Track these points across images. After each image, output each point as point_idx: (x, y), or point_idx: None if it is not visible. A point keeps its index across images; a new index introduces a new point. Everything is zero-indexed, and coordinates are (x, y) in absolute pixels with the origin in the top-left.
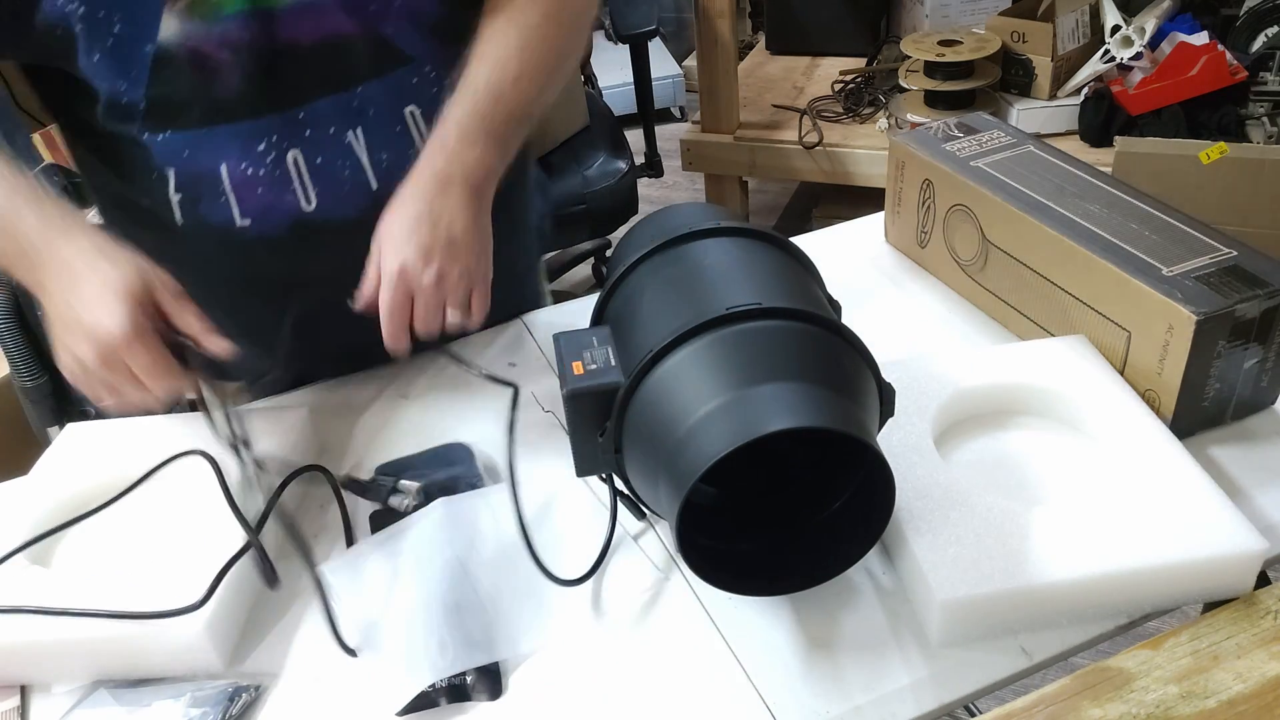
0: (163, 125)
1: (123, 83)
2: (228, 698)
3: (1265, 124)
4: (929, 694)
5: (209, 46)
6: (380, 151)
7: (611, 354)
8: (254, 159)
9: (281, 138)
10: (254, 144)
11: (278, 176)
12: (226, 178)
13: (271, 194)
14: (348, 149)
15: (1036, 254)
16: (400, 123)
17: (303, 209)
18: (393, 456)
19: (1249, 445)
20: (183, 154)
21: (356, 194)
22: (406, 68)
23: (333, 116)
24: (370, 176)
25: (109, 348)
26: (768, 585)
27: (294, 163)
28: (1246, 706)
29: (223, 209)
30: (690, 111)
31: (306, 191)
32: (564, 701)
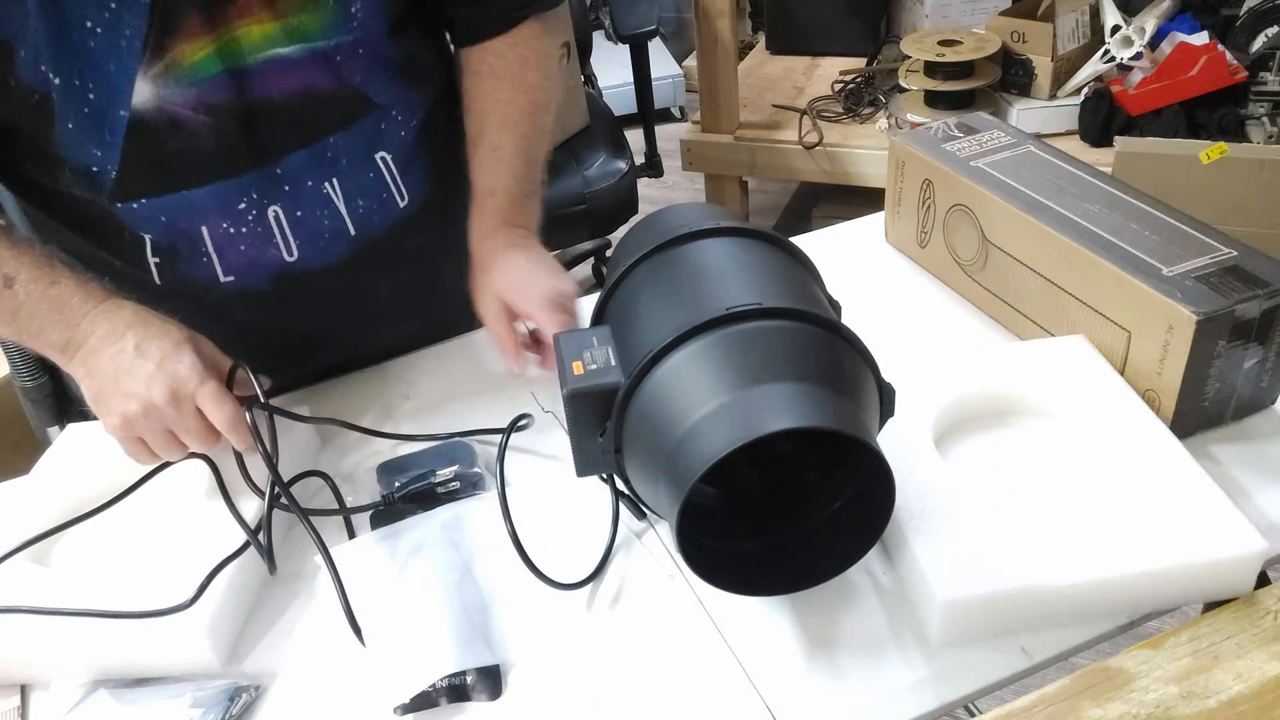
0: (136, 193)
1: (97, 150)
2: (228, 698)
3: (1265, 124)
4: (929, 694)
5: (184, 109)
6: (356, 199)
7: (611, 354)
8: (235, 217)
9: (261, 194)
10: (234, 202)
11: (260, 232)
12: (208, 237)
13: (254, 249)
14: (326, 199)
15: (1036, 254)
16: (373, 169)
17: (285, 260)
18: (393, 456)
19: (1249, 445)
20: (160, 219)
21: (336, 241)
22: (373, 115)
23: (308, 169)
24: (348, 224)
25: (181, 384)
26: (768, 585)
27: (275, 217)
28: (1246, 706)
29: (205, 268)
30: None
31: (288, 244)
32: (564, 701)
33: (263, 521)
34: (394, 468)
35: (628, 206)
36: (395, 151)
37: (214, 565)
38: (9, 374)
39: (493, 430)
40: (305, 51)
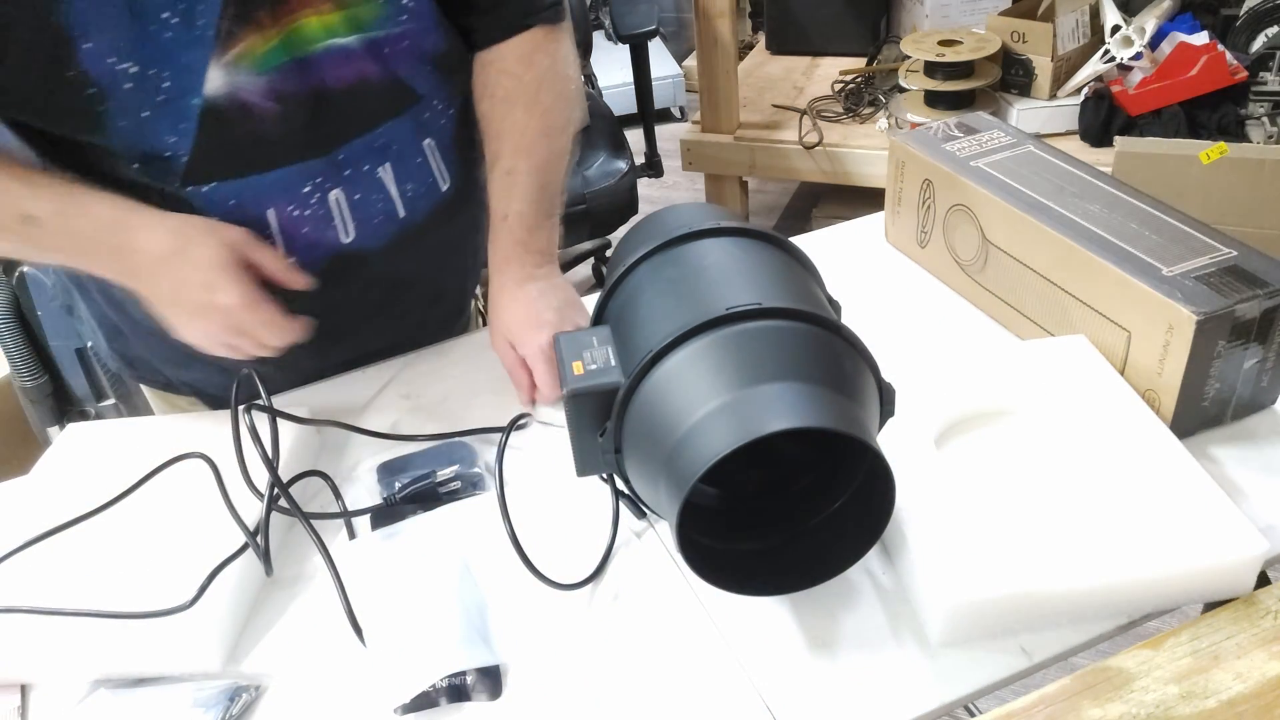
0: (207, 177)
1: (171, 137)
2: (228, 698)
3: (1265, 124)
4: (929, 694)
5: (255, 97)
6: (406, 183)
7: (612, 354)
8: (300, 200)
9: (325, 179)
10: (300, 186)
11: (322, 215)
12: (274, 220)
13: (316, 232)
14: (379, 183)
15: (1036, 254)
16: (421, 155)
17: (342, 242)
18: (393, 456)
19: (1249, 445)
20: (229, 202)
21: (387, 224)
22: (419, 104)
23: (365, 155)
24: (398, 206)
25: (234, 318)
26: (768, 585)
27: (335, 201)
28: (1246, 706)
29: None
30: (690, 111)
31: (346, 226)
32: (564, 701)
33: (261, 524)
34: (394, 467)
35: (628, 206)
36: (438, 138)
37: (214, 566)
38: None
39: (492, 429)
40: (361, 41)
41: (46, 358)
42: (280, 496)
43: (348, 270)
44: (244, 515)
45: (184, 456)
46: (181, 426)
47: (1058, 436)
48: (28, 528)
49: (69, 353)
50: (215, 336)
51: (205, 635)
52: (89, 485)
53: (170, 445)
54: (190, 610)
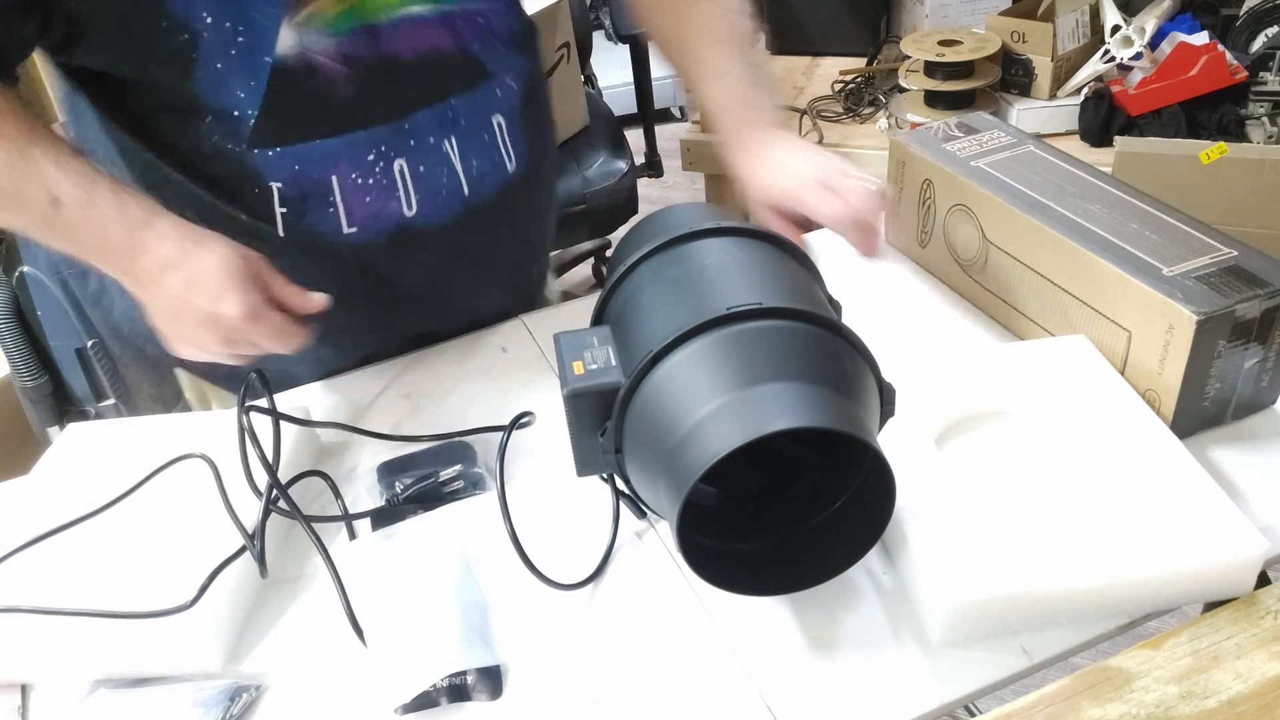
0: (273, 140)
1: (240, 93)
2: (228, 698)
3: (1265, 124)
4: (929, 694)
5: (324, 58)
6: (471, 159)
7: (612, 354)
8: (364, 168)
9: (389, 147)
10: (364, 154)
11: (385, 185)
12: (337, 187)
13: (378, 202)
14: (445, 157)
15: (1036, 254)
16: (489, 131)
17: (405, 215)
18: (393, 456)
19: (1249, 445)
20: (293, 167)
21: (451, 200)
22: (490, 81)
23: (432, 126)
24: (463, 183)
25: (234, 330)
26: (768, 585)
27: (399, 171)
28: (1246, 706)
29: (330, 219)
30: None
31: (409, 198)
32: (564, 701)
33: (258, 526)
34: (394, 467)
35: (628, 206)
36: (507, 116)
37: (214, 566)
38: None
39: (493, 429)
40: (435, 13)
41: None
42: (279, 499)
43: (410, 245)
44: (246, 516)
45: (184, 457)
46: (181, 426)
47: (1058, 436)
48: (28, 528)
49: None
50: (212, 349)
51: (205, 635)
52: (89, 485)
53: (170, 445)
54: (190, 610)
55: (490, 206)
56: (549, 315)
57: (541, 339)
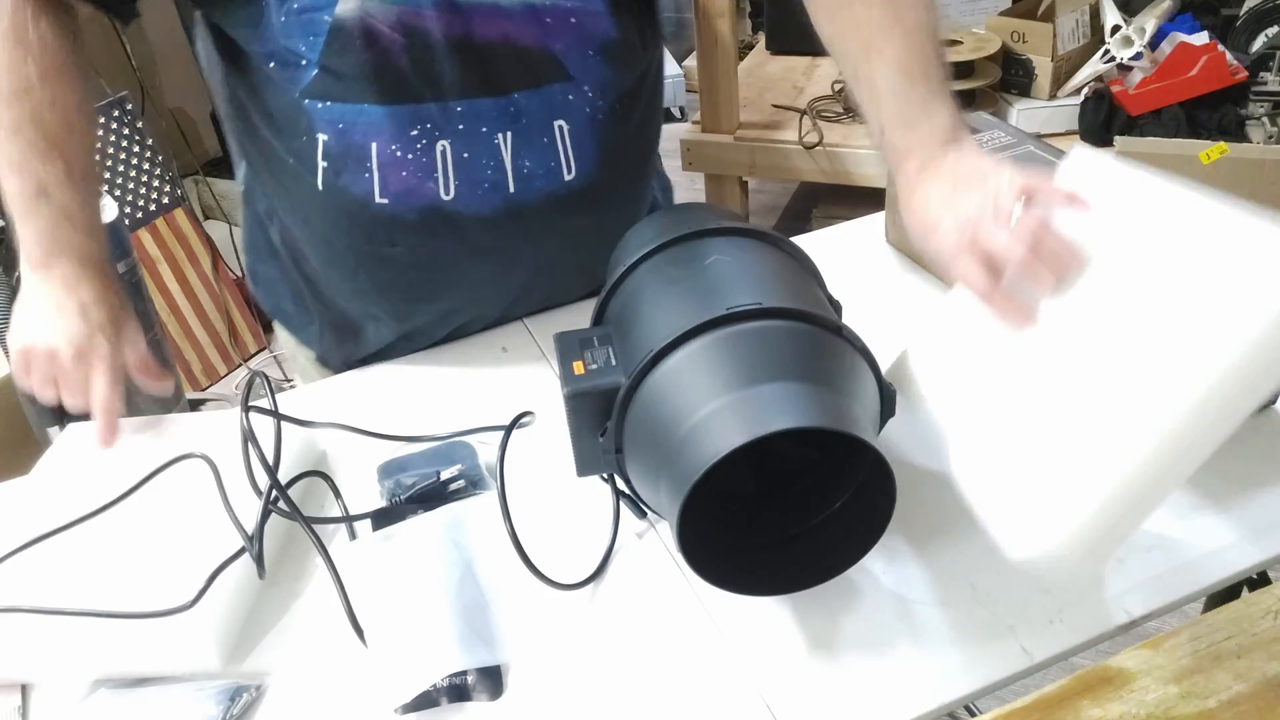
0: (325, 95)
1: (301, 46)
2: (228, 697)
3: (1265, 124)
4: (929, 694)
5: (383, 25)
6: (524, 159)
7: (612, 354)
8: (405, 143)
9: (435, 127)
10: (408, 128)
11: (424, 163)
12: (375, 154)
13: (414, 178)
14: (495, 149)
15: None
16: (549, 134)
17: (440, 197)
18: (393, 456)
19: (1249, 445)
20: (338, 125)
21: (493, 193)
22: (564, 84)
23: (487, 117)
24: (510, 179)
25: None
26: (768, 585)
27: (442, 153)
28: (1246, 706)
29: (365, 183)
30: (690, 111)
31: (447, 182)
32: (564, 701)
33: (257, 527)
34: (394, 467)
35: None
36: (575, 124)
37: (214, 566)
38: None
39: (494, 428)
40: (521, 4)
41: None
42: (279, 499)
43: (443, 228)
44: (247, 516)
45: (184, 457)
46: (181, 426)
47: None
48: (28, 528)
49: None
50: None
51: (205, 635)
52: (89, 485)
53: (170, 445)
54: (190, 610)
55: (537, 211)
56: (549, 315)
57: (541, 339)
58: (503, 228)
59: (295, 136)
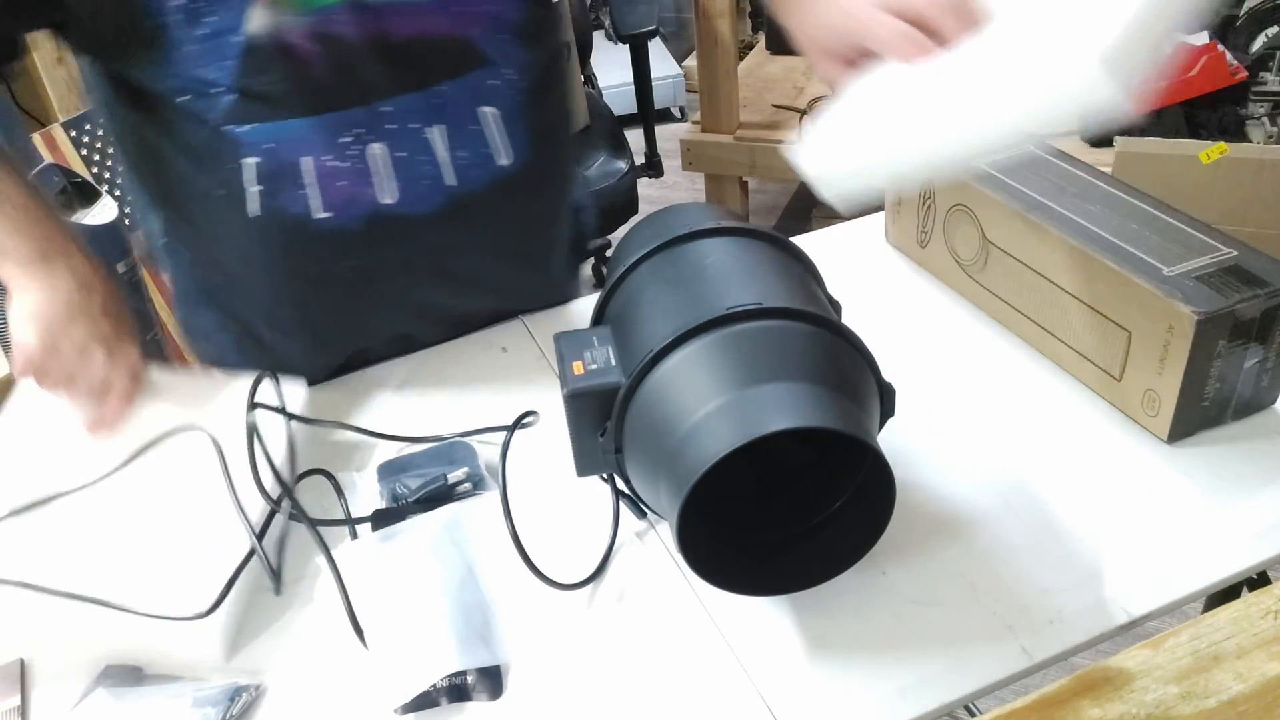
0: (247, 117)
1: (214, 72)
2: (228, 698)
3: (1265, 124)
4: (929, 694)
5: (297, 38)
6: (459, 149)
7: (612, 354)
8: (337, 151)
9: (366, 130)
10: (338, 136)
11: (360, 169)
12: (309, 169)
13: (353, 186)
14: (428, 145)
15: (1036, 254)
16: (477, 122)
17: (381, 202)
18: (393, 456)
19: (1249, 445)
20: (265, 145)
21: (434, 190)
22: (484, 69)
23: (414, 112)
24: (448, 172)
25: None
26: (768, 585)
27: (376, 156)
28: (1246, 706)
29: (301, 200)
30: (690, 111)
31: (387, 185)
32: (564, 701)
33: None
34: (394, 468)
35: (628, 206)
36: (502, 108)
37: (226, 569)
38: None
39: (497, 428)
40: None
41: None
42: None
43: (390, 234)
44: (251, 506)
45: (185, 428)
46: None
47: None
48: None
49: None
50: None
51: (217, 637)
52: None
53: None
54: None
55: (479, 200)
56: (549, 315)
57: (541, 339)
58: (447, 224)
59: (220, 167)
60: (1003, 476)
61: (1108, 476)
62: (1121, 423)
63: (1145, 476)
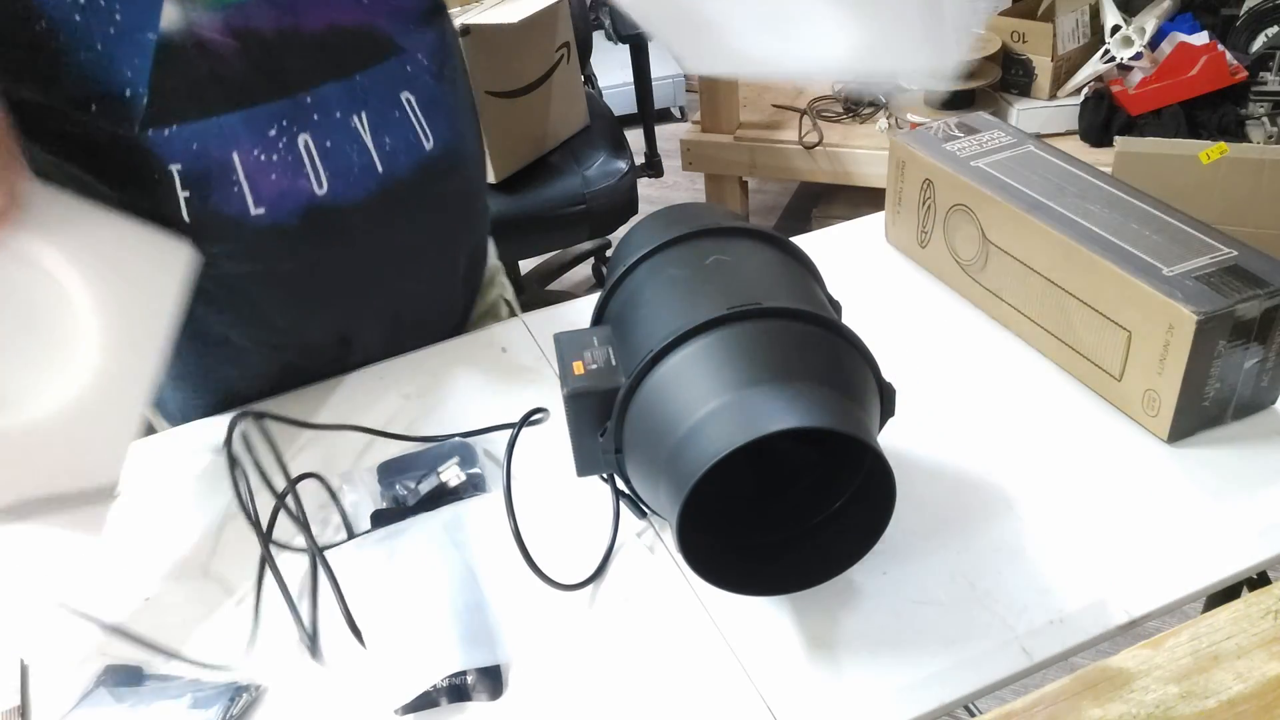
0: (168, 119)
1: (127, 72)
2: (228, 698)
3: (1265, 124)
4: (929, 694)
5: (211, 33)
6: (383, 135)
7: (612, 354)
8: (266, 144)
9: (291, 122)
10: (265, 129)
11: (290, 161)
12: (239, 165)
13: (285, 179)
14: (354, 133)
15: (1037, 254)
16: (399, 108)
17: (315, 193)
18: (393, 456)
19: (1249, 445)
20: (191, 146)
21: (365, 177)
22: (398, 57)
23: (337, 101)
24: (376, 159)
25: None
26: (768, 585)
27: (305, 146)
28: (1246, 706)
29: (236, 199)
30: (690, 111)
31: (318, 175)
32: (564, 701)
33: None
34: (394, 468)
35: (628, 206)
36: (418, 93)
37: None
38: None
39: (503, 426)
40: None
41: None
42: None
43: (327, 227)
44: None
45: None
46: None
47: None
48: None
49: None
50: None
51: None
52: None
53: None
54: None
55: (409, 186)
56: (549, 315)
57: (541, 339)
58: (381, 212)
59: (144, 178)
60: (1003, 476)
61: (1108, 476)
62: (1121, 423)
63: (1145, 476)
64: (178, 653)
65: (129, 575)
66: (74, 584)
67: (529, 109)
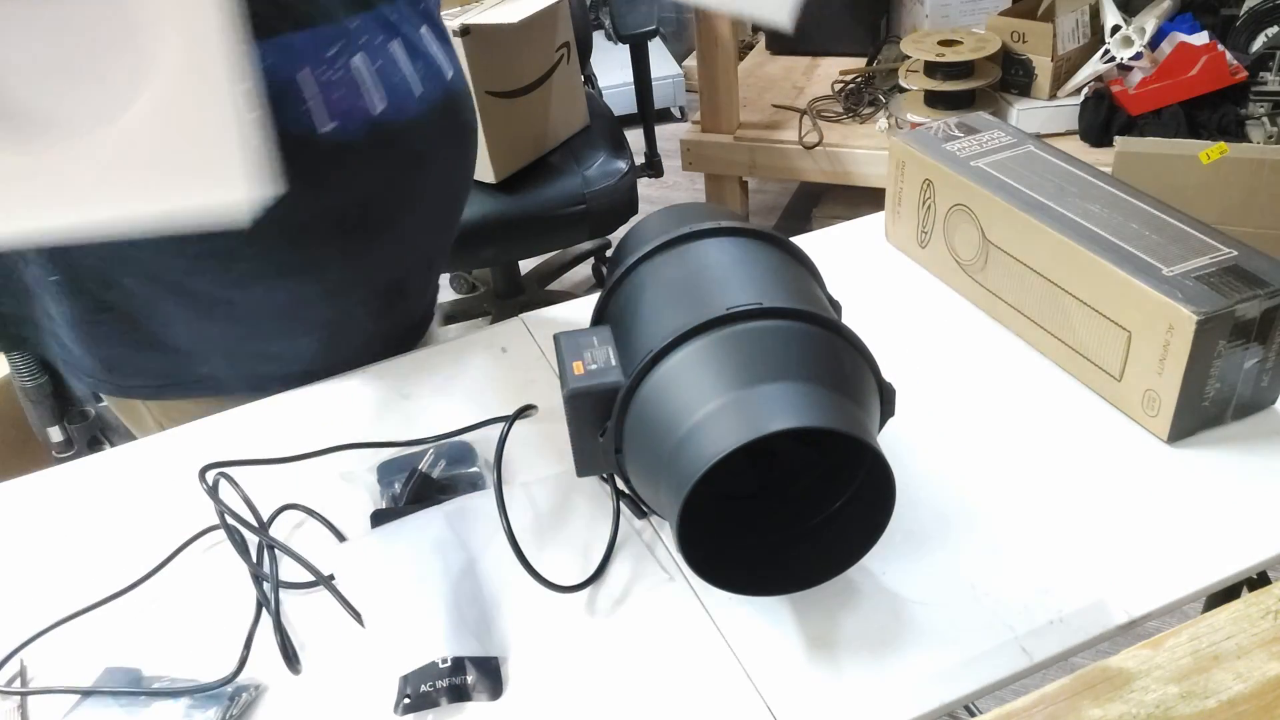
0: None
1: None
2: (228, 698)
3: (1265, 124)
4: (929, 694)
5: None
6: (416, 60)
7: (612, 354)
8: (327, 64)
9: (345, 45)
10: (324, 50)
11: (350, 80)
12: (309, 82)
13: (349, 98)
14: (393, 57)
15: (1037, 254)
16: (420, 39)
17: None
18: (392, 455)
19: (1249, 445)
20: (266, 62)
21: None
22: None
23: (374, 28)
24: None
25: None
26: (768, 585)
27: (359, 67)
28: (1246, 706)
29: (305, 117)
30: (690, 111)
31: (375, 94)
32: (564, 701)
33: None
34: (394, 467)
35: (628, 206)
36: (433, 26)
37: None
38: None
39: (496, 420)
40: None
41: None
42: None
43: (386, 144)
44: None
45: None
46: None
47: None
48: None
49: None
50: None
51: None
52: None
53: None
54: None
55: (440, 110)
56: (549, 315)
57: (541, 339)
58: (431, 129)
59: None
60: (1002, 476)
61: (1108, 476)
62: (1121, 423)
63: (1145, 476)
64: (177, 654)
65: (129, 575)
66: (74, 586)
67: (529, 109)
